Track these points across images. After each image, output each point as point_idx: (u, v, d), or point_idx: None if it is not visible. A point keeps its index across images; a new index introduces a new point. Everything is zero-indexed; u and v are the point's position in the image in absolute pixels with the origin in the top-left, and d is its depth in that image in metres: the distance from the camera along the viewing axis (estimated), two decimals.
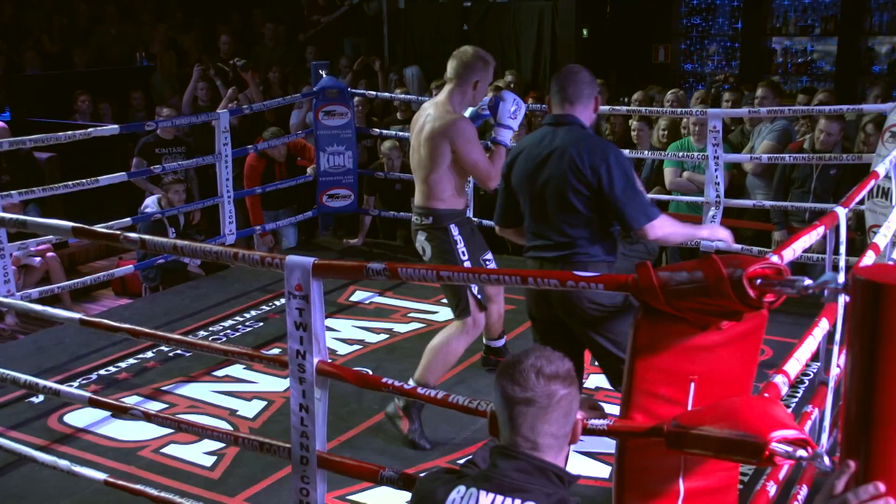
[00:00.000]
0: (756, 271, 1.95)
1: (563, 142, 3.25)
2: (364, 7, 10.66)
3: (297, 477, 2.85)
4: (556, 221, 3.27)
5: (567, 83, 3.34)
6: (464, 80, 4.05)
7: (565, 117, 3.33)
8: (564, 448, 1.87)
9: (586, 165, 3.17)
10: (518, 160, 3.38)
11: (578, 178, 3.18)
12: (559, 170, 3.22)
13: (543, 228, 3.32)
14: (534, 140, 3.37)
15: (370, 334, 5.35)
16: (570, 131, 3.28)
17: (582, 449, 3.82)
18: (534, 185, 3.31)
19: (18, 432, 4.18)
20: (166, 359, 5.04)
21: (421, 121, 4.11)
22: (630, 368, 2.19)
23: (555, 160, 3.24)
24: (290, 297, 2.72)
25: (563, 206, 3.24)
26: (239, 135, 7.25)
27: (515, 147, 3.46)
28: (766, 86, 6.56)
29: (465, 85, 4.05)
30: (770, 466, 2.45)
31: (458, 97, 4.07)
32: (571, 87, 3.33)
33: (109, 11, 11.12)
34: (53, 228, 3.49)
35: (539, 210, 3.32)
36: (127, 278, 7.25)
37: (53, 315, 3.56)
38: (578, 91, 3.33)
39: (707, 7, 10.87)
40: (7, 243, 5.48)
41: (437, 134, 3.98)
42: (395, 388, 2.70)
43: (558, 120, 3.34)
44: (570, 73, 3.39)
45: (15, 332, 6.62)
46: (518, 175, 3.37)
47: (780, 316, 2.61)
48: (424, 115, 4.10)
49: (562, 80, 3.37)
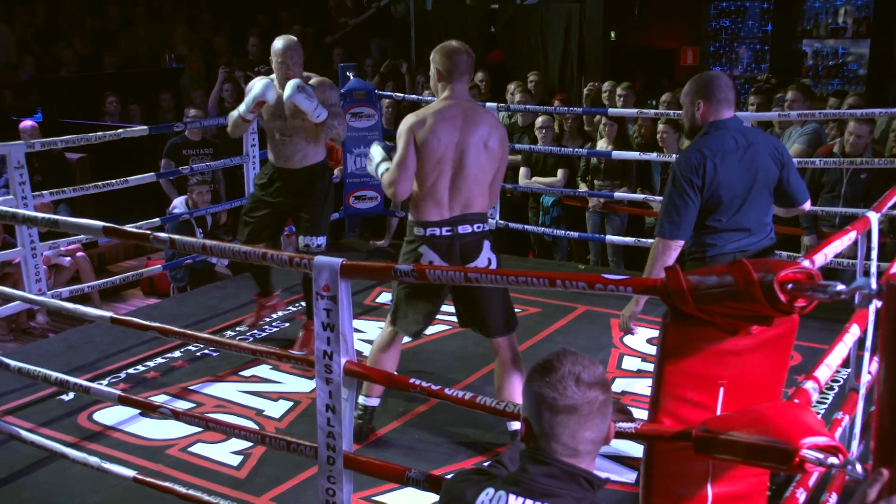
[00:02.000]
0: (787, 276, 1.93)
1: (756, 140, 3.51)
2: (391, 9, 10.69)
3: (324, 477, 2.86)
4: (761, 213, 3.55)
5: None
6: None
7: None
8: (598, 452, 1.86)
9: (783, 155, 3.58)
10: (720, 164, 3.43)
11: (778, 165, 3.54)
12: (764, 164, 3.50)
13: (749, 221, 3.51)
14: (730, 141, 3.47)
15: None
16: (754, 131, 3.63)
17: (608, 452, 3.80)
18: (743, 184, 3.46)
19: (49, 429, 4.23)
20: (194, 358, 5.08)
21: (483, 127, 3.76)
22: (659, 372, 2.18)
23: (755, 156, 3.48)
24: (318, 297, 2.73)
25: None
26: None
27: (704, 152, 3.44)
28: (796, 89, 6.52)
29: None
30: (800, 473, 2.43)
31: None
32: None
33: (139, 13, 11.23)
34: (85, 228, 3.53)
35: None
36: (155, 278, 7.32)
37: (85, 314, 3.59)
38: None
39: (737, 9, 10.81)
40: (39, 242, 5.56)
41: (505, 141, 3.87)
42: (421, 388, 2.70)
43: (738, 124, 3.55)
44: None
45: (46, 331, 6.71)
46: (727, 177, 3.43)
47: (809, 321, 2.58)
48: (477, 118, 3.77)
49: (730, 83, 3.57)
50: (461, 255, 3.77)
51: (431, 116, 3.71)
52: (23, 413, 4.43)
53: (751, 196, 3.48)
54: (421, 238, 3.76)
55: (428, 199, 3.73)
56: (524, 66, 9.24)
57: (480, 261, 3.79)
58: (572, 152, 6.80)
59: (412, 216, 3.81)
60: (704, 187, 3.41)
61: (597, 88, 7.76)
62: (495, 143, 3.77)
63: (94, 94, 9.36)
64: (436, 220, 3.74)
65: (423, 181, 3.72)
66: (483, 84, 8.22)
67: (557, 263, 7.16)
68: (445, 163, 3.71)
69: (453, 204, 3.74)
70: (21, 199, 5.37)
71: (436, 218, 3.74)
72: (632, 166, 6.80)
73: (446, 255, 3.75)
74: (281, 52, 4.79)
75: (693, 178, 3.41)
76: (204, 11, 12.07)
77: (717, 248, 3.50)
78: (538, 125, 7.00)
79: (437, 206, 3.74)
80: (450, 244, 3.75)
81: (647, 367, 4.72)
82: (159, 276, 7.21)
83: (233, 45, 10.82)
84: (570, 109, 7.04)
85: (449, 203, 3.74)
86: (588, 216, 7.04)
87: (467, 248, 3.77)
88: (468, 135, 3.71)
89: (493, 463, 2.05)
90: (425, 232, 3.75)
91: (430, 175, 3.71)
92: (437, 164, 3.70)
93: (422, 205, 3.75)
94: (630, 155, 6.50)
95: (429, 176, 3.71)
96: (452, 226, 3.74)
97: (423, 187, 3.73)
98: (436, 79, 3.85)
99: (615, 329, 5.35)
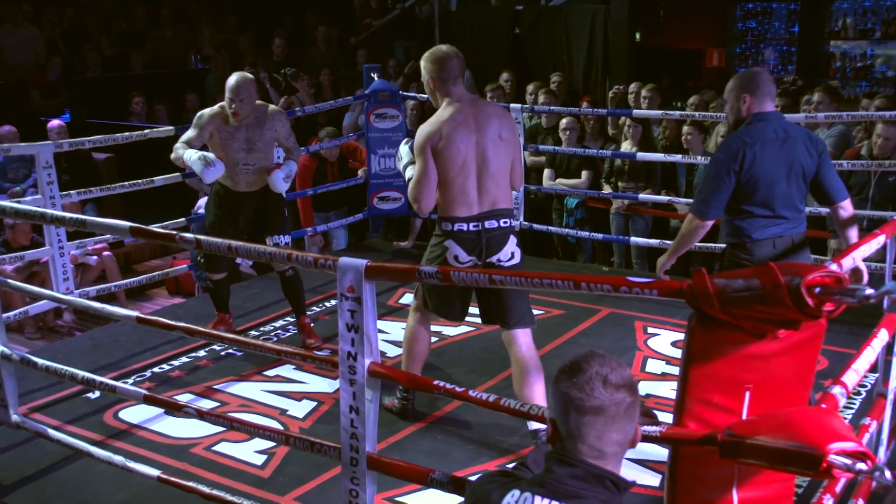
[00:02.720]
0: (815, 279, 1.92)
1: (795, 133, 3.70)
2: (416, 10, 10.70)
3: (347, 478, 2.87)
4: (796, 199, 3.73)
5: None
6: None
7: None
8: (624, 454, 1.85)
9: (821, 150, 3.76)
10: (760, 151, 3.62)
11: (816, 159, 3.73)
12: (801, 156, 3.68)
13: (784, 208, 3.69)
14: (771, 133, 3.66)
15: None
16: (794, 125, 3.78)
17: (632, 456, 3.78)
18: (780, 172, 3.65)
19: (75, 427, 4.27)
20: (218, 358, 5.11)
21: (494, 121, 3.86)
22: (684, 375, 2.17)
23: (794, 148, 3.67)
24: (343, 298, 2.74)
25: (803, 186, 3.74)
26: None
27: (746, 140, 3.63)
28: (823, 91, 6.46)
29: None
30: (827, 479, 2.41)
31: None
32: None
33: (165, 14, 11.31)
34: (112, 228, 3.55)
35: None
36: (181, 278, 7.37)
37: (112, 313, 3.62)
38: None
39: (763, 10, 10.73)
40: (66, 242, 5.61)
41: (514, 128, 4.02)
42: (446, 390, 2.70)
43: (779, 117, 3.76)
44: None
45: (72, 329, 6.77)
46: (765, 165, 3.63)
47: (836, 325, 2.56)
48: (486, 113, 3.87)
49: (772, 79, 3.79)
50: (487, 248, 3.87)
51: (445, 125, 3.79)
52: (49, 411, 4.47)
53: (787, 185, 3.66)
54: (448, 233, 3.87)
55: (459, 198, 3.84)
56: (548, 68, 9.21)
57: (504, 253, 3.89)
58: (597, 153, 6.78)
59: (440, 212, 3.91)
60: (742, 171, 3.60)
61: (622, 91, 7.73)
62: (507, 132, 3.90)
63: (120, 95, 9.44)
64: (464, 217, 3.84)
65: (451, 185, 3.82)
66: (508, 84, 8.22)
67: (581, 265, 7.14)
68: (469, 165, 3.81)
69: (482, 201, 3.86)
70: (49, 199, 5.43)
71: (464, 214, 3.84)
72: (656, 168, 6.77)
73: (472, 250, 3.86)
74: (234, 89, 4.87)
75: (731, 163, 3.61)
76: (230, 13, 12.15)
77: (755, 233, 3.67)
78: (562, 126, 6.99)
79: (466, 204, 3.84)
80: (476, 239, 3.85)
81: (671, 371, 4.70)
82: (184, 276, 7.25)
83: (258, 46, 10.88)
84: (595, 111, 7.02)
85: (478, 201, 3.85)
86: (612, 218, 7.02)
87: (493, 242, 3.87)
88: (484, 133, 3.82)
89: (517, 465, 2.05)
90: (453, 227, 3.85)
91: (457, 179, 3.81)
92: (461, 168, 3.80)
93: (450, 203, 3.85)
94: (655, 156, 6.48)
95: (455, 180, 3.81)
96: (480, 221, 3.85)
97: (452, 189, 3.83)
98: (431, 86, 3.92)
99: (639, 332, 5.33)
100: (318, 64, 9.53)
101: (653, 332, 5.31)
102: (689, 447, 2.19)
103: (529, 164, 7.20)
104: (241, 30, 11.49)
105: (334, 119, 8.20)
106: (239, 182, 5.06)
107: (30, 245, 6.50)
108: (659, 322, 5.41)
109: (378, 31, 10.65)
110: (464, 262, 3.87)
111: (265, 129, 5.01)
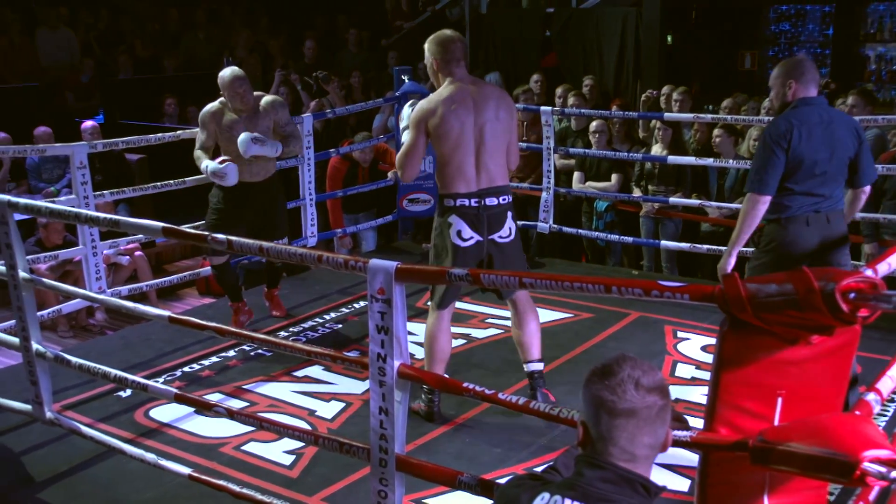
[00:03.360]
0: (850, 285, 1.90)
1: (838, 118, 4.00)
2: (447, 13, 10.72)
3: (376, 479, 2.88)
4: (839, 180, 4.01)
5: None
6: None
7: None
8: (655, 458, 1.85)
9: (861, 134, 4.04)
10: (805, 133, 3.89)
11: (855, 144, 3.99)
12: (843, 139, 3.95)
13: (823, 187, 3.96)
14: (816, 116, 3.93)
15: None
16: (836, 111, 4.16)
17: (661, 461, 3.76)
18: (823, 153, 3.91)
19: (107, 425, 4.32)
20: (247, 358, 5.14)
21: (491, 102, 4.08)
22: (715, 380, 2.16)
23: (837, 131, 3.93)
24: (373, 300, 2.74)
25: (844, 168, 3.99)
26: (322, 139, 7.37)
27: (792, 122, 3.90)
28: (857, 94, 6.38)
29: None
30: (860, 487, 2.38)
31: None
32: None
33: (199, 17, 11.40)
34: (145, 228, 3.59)
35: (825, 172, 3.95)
36: (211, 278, 7.41)
37: (144, 312, 3.65)
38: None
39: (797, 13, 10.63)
40: (99, 241, 5.67)
41: (512, 108, 4.22)
42: (475, 392, 2.70)
43: (823, 102, 4.04)
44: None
45: (104, 328, 6.84)
46: (810, 146, 3.89)
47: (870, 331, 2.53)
48: (485, 94, 4.09)
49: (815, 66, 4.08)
50: (488, 224, 4.10)
51: (442, 104, 4.02)
52: (82, 408, 4.53)
53: (829, 165, 3.92)
54: (451, 209, 4.09)
55: (456, 175, 4.07)
56: (579, 71, 9.19)
57: (504, 230, 4.14)
58: (627, 156, 6.75)
59: (441, 190, 4.15)
60: (790, 150, 3.87)
61: (653, 97, 7.69)
62: (505, 113, 4.11)
63: (153, 97, 9.53)
64: (464, 192, 4.07)
65: (449, 161, 4.07)
66: (538, 85, 8.20)
67: (610, 269, 7.11)
68: (468, 142, 4.04)
69: (480, 178, 4.08)
70: (83, 199, 5.49)
71: (464, 190, 4.07)
72: (687, 172, 6.73)
73: (474, 225, 4.09)
74: (230, 84, 5.21)
75: (781, 142, 3.88)
76: (262, 15, 12.22)
77: (791, 209, 3.97)
78: (592, 129, 6.96)
79: (464, 180, 4.07)
80: (477, 214, 4.08)
81: (700, 375, 4.67)
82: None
83: (289, 48, 10.94)
84: (626, 114, 6.98)
85: (476, 178, 4.08)
86: (642, 221, 6.98)
87: (493, 219, 4.11)
88: (482, 112, 4.05)
89: (547, 469, 2.04)
90: (455, 203, 4.08)
91: (454, 155, 4.05)
92: (457, 144, 4.02)
93: (450, 180, 4.09)
94: (686, 160, 6.44)
95: (453, 156, 4.05)
96: (480, 198, 4.08)
97: (451, 166, 4.07)
98: (434, 68, 4.15)
99: (669, 336, 5.29)
100: (349, 66, 9.57)
101: (682, 336, 5.28)
102: (720, 453, 2.17)
103: (559, 167, 7.17)
104: (272, 32, 11.55)
105: (364, 121, 8.22)
106: (244, 172, 5.26)
107: (63, 244, 6.57)
108: (688, 326, 5.37)
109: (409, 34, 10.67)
110: (467, 238, 4.09)
111: (262, 119, 5.29)
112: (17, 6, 10.73)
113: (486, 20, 10.40)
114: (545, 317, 5.67)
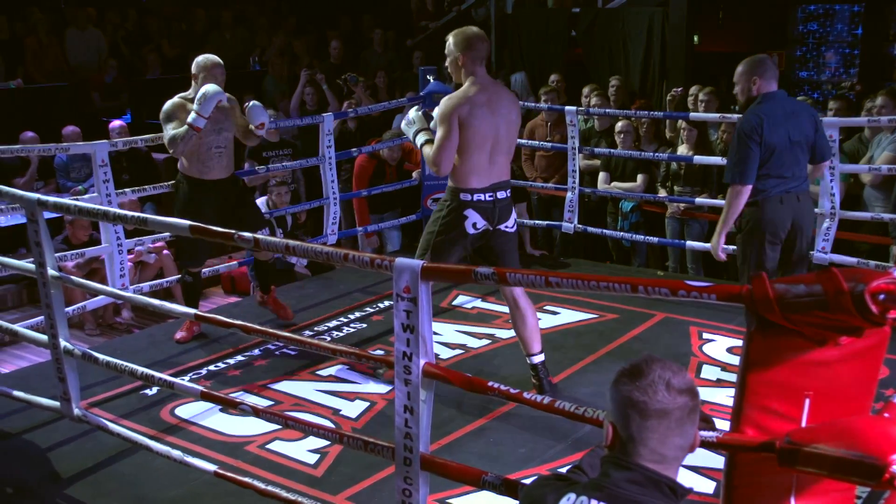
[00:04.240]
0: (880, 286, 1.88)
1: (798, 108, 4.51)
2: (472, 13, 10.70)
3: (401, 478, 2.88)
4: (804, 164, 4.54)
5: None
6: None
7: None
8: (683, 459, 1.84)
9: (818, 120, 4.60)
10: (772, 125, 4.35)
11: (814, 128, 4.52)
12: (803, 127, 4.47)
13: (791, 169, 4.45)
14: (780, 109, 4.41)
15: (472, 339, 5.36)
16: (795, 101, 4.67)
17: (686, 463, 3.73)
18: (787, 141, 4.40)
19: (132, 422, 4.35)
20: (272, 356, 5.16)
21: (505, 101, 4.27)
22: (742, 381, 2.14)
23: (798, 120, 4.44)
24: (399, 299, 2.75)
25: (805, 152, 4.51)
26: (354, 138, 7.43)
27: (762, 115, 4.35)
28: (887, 94, 6.31)
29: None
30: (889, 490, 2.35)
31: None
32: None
33: (225, 16, 11.45)
34: (172, 227, 3.61)
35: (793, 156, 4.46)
36: (236, 277, 7.47)
37: (171, 310, 3.68)
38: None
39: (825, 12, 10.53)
40: (125, 239, 5.72)
41: (519, 111, 4.44)
42: (500, 391, 2.70)
43: (784, 95, 4.53)
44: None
45: (130, 327, 6.89)
46: (777, 135, 4.36)
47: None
48: (500, 97, 4.27)
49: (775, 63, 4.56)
50: (498, 216, 4.31)
51: (469, 102, 4.16)
52: (108, 406, 4.57)
53: (793, 150, 4.41)
54: (467, 202, 4.25)
55: (472, 170, 4.22)
56: (605, 71, 9.15)
57: (510, 220, 4.38)
58: (653, 156, 6.72)
59: (454, 184, 4.28)
60: (762, 141, 4.33)
61: (679, 95, 7.64)
62: (514, 115, 4.34)
63: None
64: (479, 188, 4.24)
65: (468, 157, 4.21)
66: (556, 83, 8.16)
67: (636, 269, 7.08)
68: (487, 140, 4.20)
69: (491, 173, 4.27)
70: (105, 197, 5.53)
71: (479, 186, 4.24)
72: (713, 172, 6.68)
73: (488, 217, 4.28)
74: (212, 66, 5.34)
75: (753, 135, 4.33)
76: (288, 15, 12.26)
77: (765, 192, 4.43)
78: (618, 129, 6.94)
79: (478, 176, 4.24)
80: (492, 207, 4.28)
81: (726, 377, 4.64)
82: (240, 275, 7.35)
83: (315, 48, 10.96)
84: (651, 113, 6.95)
85: (489, 173, 4.26)
86: (667, 222, 6.95)
87: (503, 210, 4.32)
88: (498, 114, 4.23)
89: (572, 469, 2.04)
90: (472, 197, 4.25)
91: (474, 152, 4.20)
92: (478, 142, 4.18)
93: (467, 174, 4.23)
94: (712, 160, 6.39)
95: (474, 153, 4.20)
96: (493, 191, 4.27)
97: (468, 161, 4.21)
98: (458, 63, 4.25)
99: (694, 337, 5.26)
100: (374, 66, 9.59)
101: (708, 337, 5.25)
102: (747, 454, 2.16)
103: (583, 168, 7.15)
104: (299, 32, 11.60)
105: (390, 121, 8.24)
106: (212, 168, 5.25)
107: (89, 241, 6.63)
108: (714, 328, 5.34)
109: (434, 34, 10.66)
110: (479, 228, 4.28)
111: (227, 111, 5.30)
112: (46, 6, 10.83)
113: (512, 20, 10.38)
114: (570, 317, 5.67)
